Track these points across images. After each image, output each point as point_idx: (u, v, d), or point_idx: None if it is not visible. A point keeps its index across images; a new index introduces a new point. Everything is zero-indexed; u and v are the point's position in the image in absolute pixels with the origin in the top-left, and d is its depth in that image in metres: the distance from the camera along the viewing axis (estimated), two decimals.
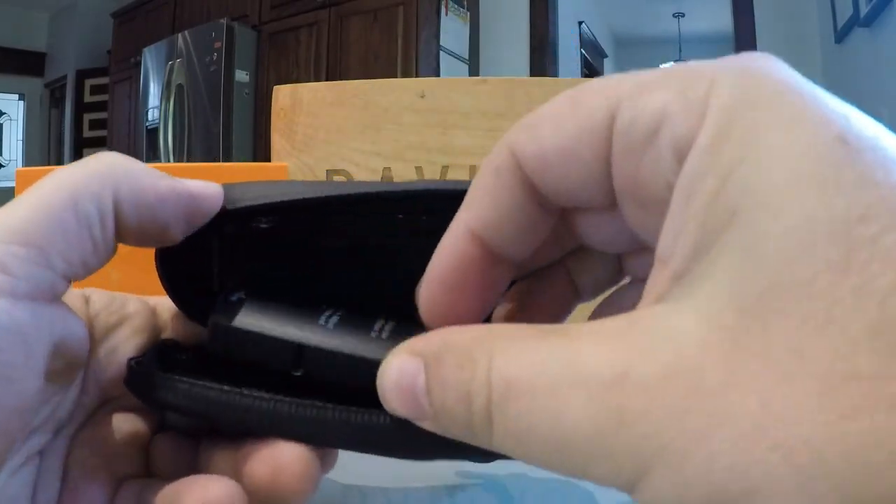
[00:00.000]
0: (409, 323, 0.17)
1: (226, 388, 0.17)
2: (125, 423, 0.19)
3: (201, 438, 0.19)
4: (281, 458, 0.16)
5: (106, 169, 0.16)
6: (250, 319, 0.18)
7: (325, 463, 0.17)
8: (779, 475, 0.09)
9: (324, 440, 0.16)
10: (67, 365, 0.17)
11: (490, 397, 0.12)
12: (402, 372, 0.14)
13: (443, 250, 0.15)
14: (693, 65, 0.12)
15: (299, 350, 0.17)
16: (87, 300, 0.19)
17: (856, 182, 0.10)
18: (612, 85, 0.13)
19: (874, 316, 0.09)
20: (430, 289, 0.15)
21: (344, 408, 0.16)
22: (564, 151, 0.13)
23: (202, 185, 0.18)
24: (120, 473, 0.18)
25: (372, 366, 0.14)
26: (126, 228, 0.17)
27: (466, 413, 0.12)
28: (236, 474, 0.16)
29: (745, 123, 0.11)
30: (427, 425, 0.13)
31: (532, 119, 0.14)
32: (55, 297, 0.16)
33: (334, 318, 0.18)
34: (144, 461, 0.19)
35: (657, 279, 0.12)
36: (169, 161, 2.69)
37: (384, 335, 0.18)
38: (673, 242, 0.12)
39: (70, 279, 0.16)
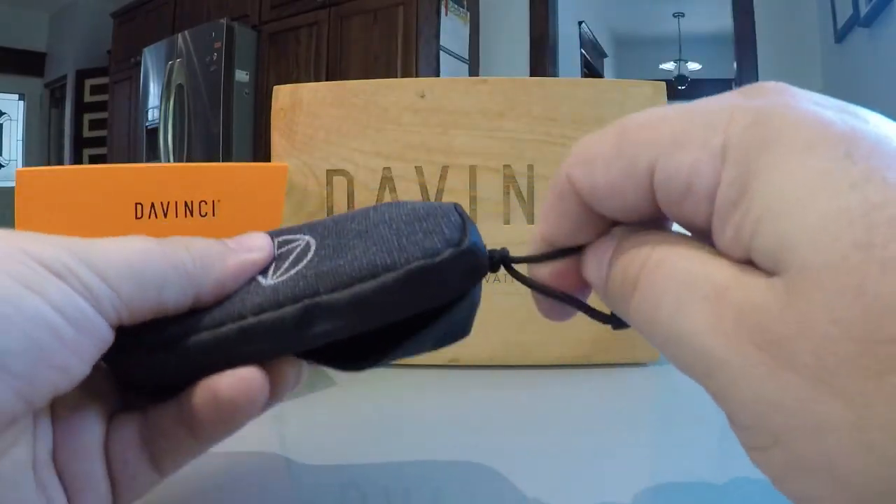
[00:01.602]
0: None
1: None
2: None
3: None
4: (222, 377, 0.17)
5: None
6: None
7: (280, 385, 0.19)
8: (836, 415, 0.12)
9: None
10: None
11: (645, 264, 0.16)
12: (600, 246, 0.18)
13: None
14: (713, 106, 0.15)
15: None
16: None
17: (866, 182, 0.12)
18: (649, 135, 0.16)
19: None
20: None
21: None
22: (613, 188, 0.16)
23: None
24: (109, 410, 0.19)
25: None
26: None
27: (623, 275, 0.16)
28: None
29: (761, 162, 0.14)
30: (600, 293, 0.18)
31: (585, 154, 0.17)
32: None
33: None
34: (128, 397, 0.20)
35: None
36: (169, 161, 2.70)
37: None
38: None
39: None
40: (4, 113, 3.69)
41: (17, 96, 3.74)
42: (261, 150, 2.58)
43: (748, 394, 0.13)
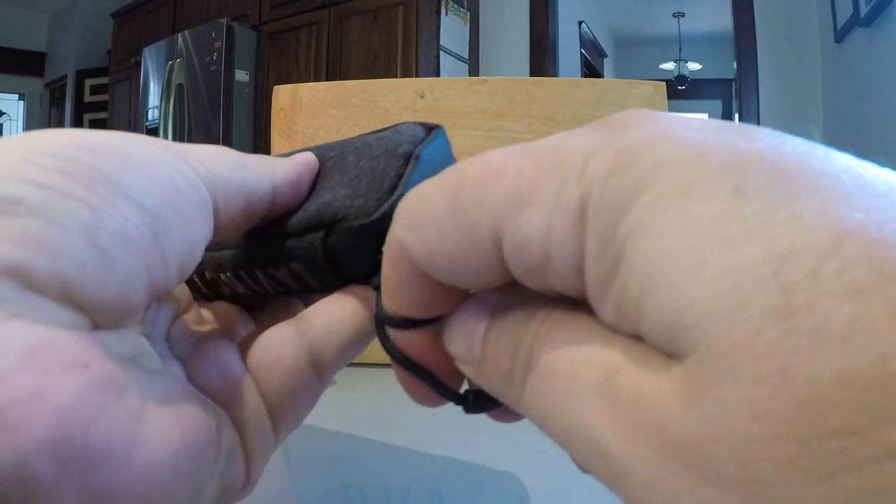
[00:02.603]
0: None
1: None
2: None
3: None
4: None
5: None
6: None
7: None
8: None
9: None
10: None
11: (532, 351, 0.12)
12: (470, 315, 0.14)
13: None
14: (566, 146, 0.12)
15: None
16: None
17: (768, 223, 0.09)
18: (486, 193, 0.13)
19: (840, 365, 0.08)
20: None
21: None
22: (452, 258, 0.13)
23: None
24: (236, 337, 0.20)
25: None
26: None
27: (511, 360, 0.13)
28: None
29: (631, 221, 0.11)
30: (468, 370, 0.14)
31: (416, 218, 0.14)
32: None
33: None
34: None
35: None
36: None
37: None
38: None
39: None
40: (4, 113, 3.69)
41: (17, 96, 3.74)
42: (261, 150, 2.56)
43: None
